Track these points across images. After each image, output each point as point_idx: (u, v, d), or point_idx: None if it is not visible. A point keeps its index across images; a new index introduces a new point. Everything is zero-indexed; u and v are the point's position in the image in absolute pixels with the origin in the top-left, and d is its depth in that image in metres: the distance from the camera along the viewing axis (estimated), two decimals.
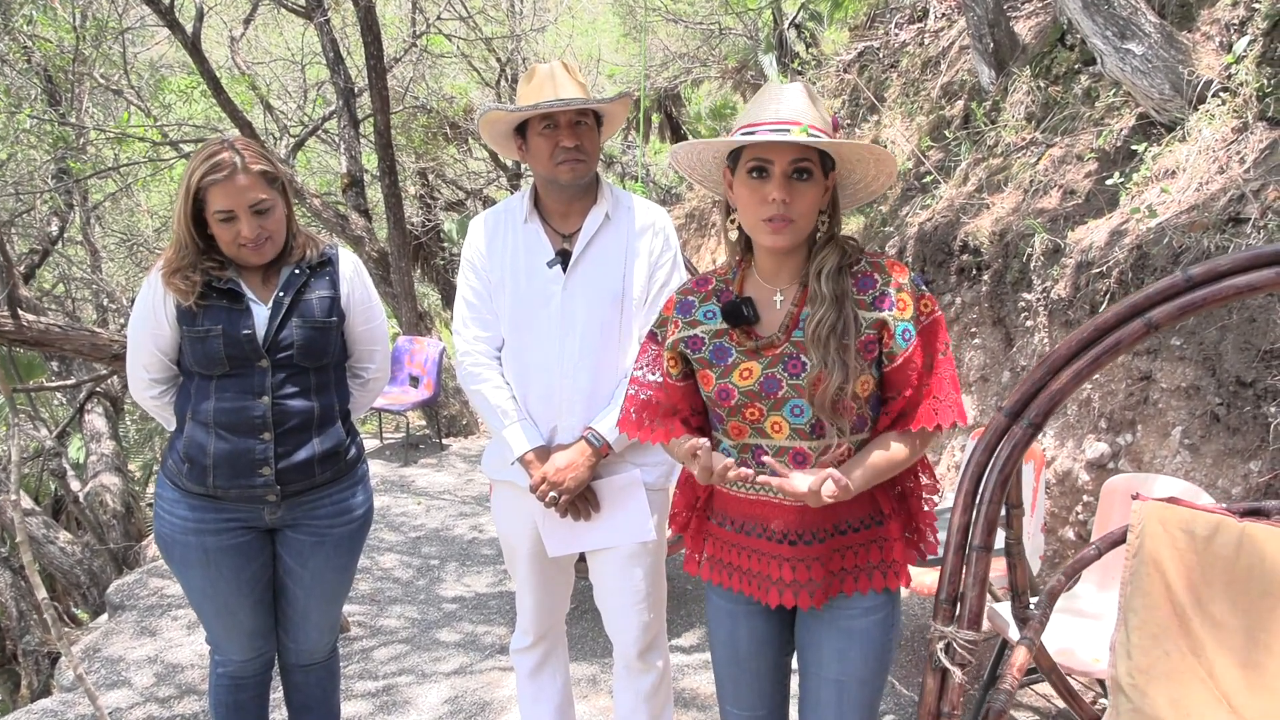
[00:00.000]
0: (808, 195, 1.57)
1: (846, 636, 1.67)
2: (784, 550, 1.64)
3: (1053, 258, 3.86)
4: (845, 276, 1.61)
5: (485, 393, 2.14)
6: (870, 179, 1.66)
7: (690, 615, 3.92)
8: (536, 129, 2.03)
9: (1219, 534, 1.60)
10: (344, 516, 2.28)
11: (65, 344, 3.66)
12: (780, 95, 1.59)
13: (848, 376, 1.54)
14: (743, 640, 1.79)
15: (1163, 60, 3.62)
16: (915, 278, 1.61)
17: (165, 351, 2.17)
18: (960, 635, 1.34)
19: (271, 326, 2.11)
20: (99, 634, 3.95)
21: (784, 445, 1.62)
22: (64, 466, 7.89)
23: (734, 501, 1.72)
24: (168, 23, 6.87)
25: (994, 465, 1.39)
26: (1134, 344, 1.24)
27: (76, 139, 8.76)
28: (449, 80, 12.21)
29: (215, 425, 2.11)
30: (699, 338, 1.70)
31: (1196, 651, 1.64)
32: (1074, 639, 2.60)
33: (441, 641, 3.78)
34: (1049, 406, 1.29)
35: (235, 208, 2.02)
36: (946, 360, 1.59)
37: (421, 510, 5.71)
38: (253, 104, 9.39)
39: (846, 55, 8.31)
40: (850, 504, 1.64)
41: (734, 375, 1.64)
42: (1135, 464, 3.36)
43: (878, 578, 1.66)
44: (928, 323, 1.59)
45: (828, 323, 1.56)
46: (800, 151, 1.55)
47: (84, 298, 11.20)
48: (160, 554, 2.29)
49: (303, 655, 2.40)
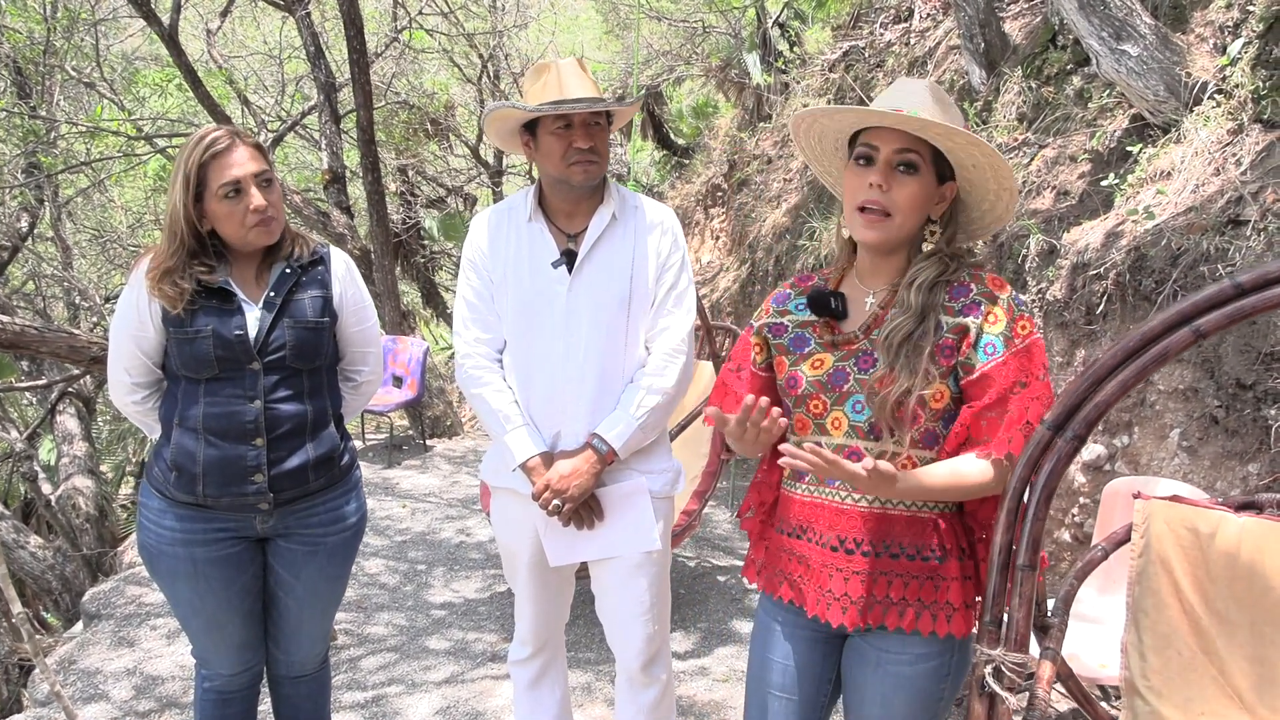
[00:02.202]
0: (909, 188, 1.52)
1: (894, 682, 1.58)
2: (827, 556, 1.58)
3: (1048, 259, 3.84)
4: (940, 291, 1.54)
5: (486, 397, 2.08)
6: (994, 196, 1.58)
7: (685, 619, 3.87)
8: (549, 128, 1.96)
9: (1221, 530, 1.59)
10: (338, 525, 2.21)
11: (42, 346, 3.54)
12: (907, 87, 1.54)
13: (915, 382, 1.48)
14: (777, 663, 1.71)
15: (1158, 62, 3.60)
16: (1016, 297, 1.54)
17: (149, 354, 2.09)
18: (1009, 658, 1.29)
19: (263, 327, 2.03)
20: (74, 645, 3.83)
21: (841, 443, 1.57)
22: (35, 469, 7.72)
23: (791, 504, 1.66)
24: (143, 14, 6.73)
25: (1037, 480, 1.34)
26: (1180, 352, 1.20)
27: (47, 133, 8.58)
28: (430, 76, 12.08)
29: (204, 431, 2.03)
30: (783, 325, 1.69)
31: (1207, 650, 1.63)
32: (1079, 645, 2.58)
33: (431, 649, 3.71)
34: (1093, 418, 1.24)
35: (241, 178, 1.96)
36: (1039, 387, 1.48)
37: (407, 514, 5.63)
38: (230, 98, 9.24)
39: (831, 54, 8.29)
40: (905, 527, 1.55)
41: (806, 364, 1.61)
42: (1132, 466, 3.35)
43: (926, 619, 1.55)
44: (1022, 345, 1.49)
45: (903, 330, 1.50)
46: (907, 141, 1.51)
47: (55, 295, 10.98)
48: (145, 566, 2.20)
49: (294, 667, 2.33)
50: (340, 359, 2.27)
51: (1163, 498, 1.68)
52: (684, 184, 10.71)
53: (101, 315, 9.88)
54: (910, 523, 1.55)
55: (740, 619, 3.90)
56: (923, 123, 1.47)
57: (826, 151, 1.70)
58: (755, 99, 9.47)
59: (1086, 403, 1.24)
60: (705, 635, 3.76)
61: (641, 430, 2.03)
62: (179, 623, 2.23)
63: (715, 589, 4.23)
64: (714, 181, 9.86)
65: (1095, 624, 2.72)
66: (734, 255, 8.93)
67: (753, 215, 8.38)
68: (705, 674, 3.43)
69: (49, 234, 10.00)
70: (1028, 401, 1.46)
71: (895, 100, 1.52)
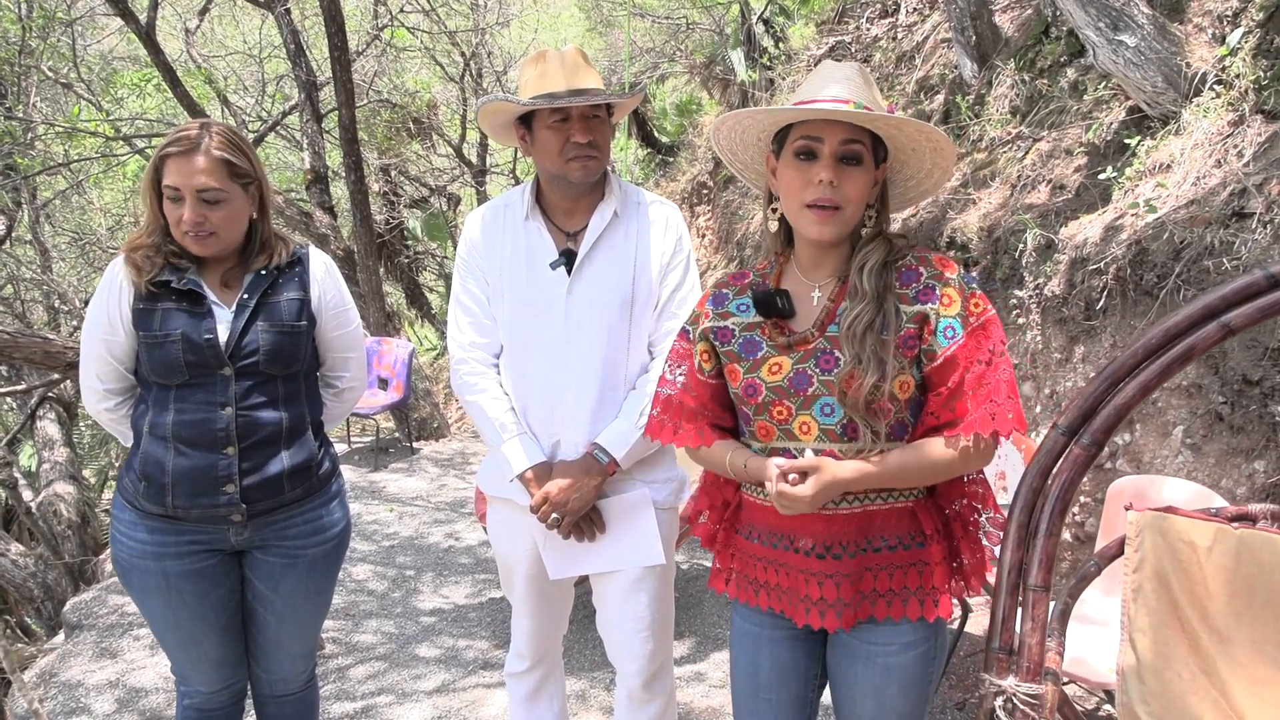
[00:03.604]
0: (857, 181, 1.46)
1: (884, 673, 1.54)
2: (812, 564, 1.53)
3: (1045, 254, 3.79)
4: (890, 272, 1.49)
5: (482, 404, 1.99)
6: (924, 174, 1.55)
7: (680, 624, 3.79)
8: (545, 121, 1.86)
9: (1218, 543, 1.52)
10: (318, 536, 2.11)
11: (15, 351, 3.43)
12: (835, 73, 1.48)
13: (884, 374, 1.43)
14: (764, 668, 1.67)
15: (1155, 52, 3.56)
16: (965, 275, 1.50)
17: (121, 360, 2.00)
18: (1021, 689, 1.20)
19: (235, 330, 1.95)
20: (55, 656, 3.73)
21: (813, 448, 1.50)
22: (15, 475, 7.57)
23: (761, 512, 1.60)
24: (120, 12, 6.59)
25: (1050, 492, 1.25)
26: (1207, 350, 1.13)
27: (24, 134, 8.41)
28: (412, 75, 11.96)
29: (174, 440, 1.94)
30: (729, 329, 1.60)
31: (1208, 670, 1.56)
32: (1085, 648, 2.52)
33: (421, 657, 3.62)
34: (1112, 422, 1.16)
35: (182, 187, 1.88)
36: (1002, 363, 1.44)
37: (394, 518, 5.53)
38: (209, 98, 9.10)
39: (816, 50, 8.23)
40: (886, 519, 1.53)
41: (763, 370, 1.53)
42: (1134, 464, 3.30)
43: (914, 605, 1.53)
44: (978, 323, 1.45)
45: (864, 319, 1.45)
46: (851, 132, 1.45)
47: (34, 299, 10.80)
48: (118, 580, 2.11)
49: (277, 685, 2.23)
50: (320, 364, 2.18)
51: (1156, 509, 1.61)
52: (669, 182, 10.62)
53: (81, 319, 9.72)
54: (889, 515, 1.53)
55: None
56: (888, 118, 1.43)
57: (747, 144, 1.63)
58: (740, 96, 9.40)
59: (1104, 405, 1.16)
60: (700, 641, 3.69)
61: (645, 439, 1.94)
62: (156, 638, 2.13)
63: (710, 593, 4.16)
64: (699, 179, 9.79)
65: (1101, 626, 2.66)
66: (721, 253, 8.86)
67: (740, 213, 8.32)
68: (701, 680, 3.36)
69: (27, 237, 9.82)
70: (989, 378, 1.43)
71: (831, 89, 1.47)
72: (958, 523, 1.58)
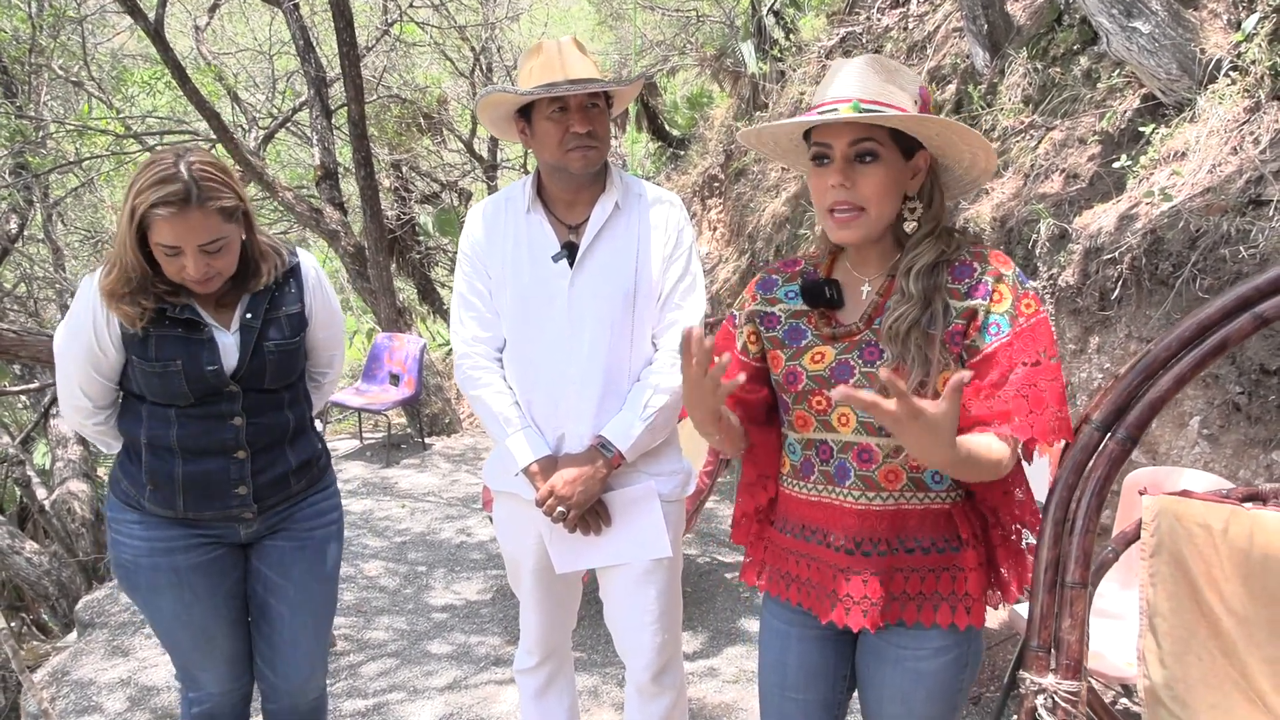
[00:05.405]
0: (874, 178, 1.42)
1: (913, 678, 1.51)
2: (841, 560, 1.50)
3: (1059, 243, 3.74)
4: (941, 272, 1.45)
5: (486, 398, 1.97)
6: (970, 159, 1.48)
7: (693, 618, 3.78)
8: (544, 112, 1.85)
9: (1233, 525, 1.51)
10: (323, 518, 2.16)
11: (21, 350, 3.43)
12: (839, 72, 1.44)
13: (929, 371, 1.39)
14: (791, 667, 1.64)
15: (1170, 39, 3.50)
16: (1019, 273, 1.45)
17: (110, 377, 1.95)
18: (1062, 687, 1.18)
19: (243, 356, 1.92)
20: (68, 654, 3.74)
21: (850, 440, 1.48)
22: (29, 474, 7.62)
23: (795, 504, 1.57)
24: (129, 9, 6.60)
25: (1086, 488, 1.22)
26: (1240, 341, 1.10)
27: (35, 133, 8.45)
28: (421, 70, 11.95)
29: (181, 450, 1.92)
30: (775, 315, 1.58)
31: (1228, 653, 1.55)
32: (1103, 642, 2.49)
33: (433, 654, 3.62)
34: (1147, 417, 1.13)
35: (183, 245, 1.76)
36: (1051, 369, 1.38)
37: (406, 514, 5.53)
38: (220, 95, 9.11)
39: (827, 41, 8.17)
40: (920, 520, 1.49)
41: (805, 358, 1.51)
42: (1150, 455, 3.26)
43: (945, 611, 1.49)
44: (1027, 324, 1.39)
45: (908, 319, 1.41)
46: (858, 131, 1.40)
47: (47, 298, 10.84)
48: (122, 586, 2.08)
49: (286, 697, 2.18)
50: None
51: (1171, 493, 1.60)
52: (680, 175, 10.58)
53: None
54: (924, 515, 1.49)
55: (749, 618, 3.81)
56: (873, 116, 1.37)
57: (786, 150, 1.61)
58: (751, 88, 9.34)
59: (1138, 399, 1.13)
60: (714, 635, 3.67)
61: (650, 431, 1.93)
62: (163, 641, 2.10)
63: (723, 587, 4.14)
64: (710, 172, 9.74)
65: (1118, 620, 2.63)
66: (733, 246, 8.82)
67: (751, 205, 8.27)
68: (715, 675, 3.34)
69: (39, 235, 9.87)
70: (1039, 380, 1.36)
71: (834, 90, 1.43)
72: (997, 530, 1.54)
